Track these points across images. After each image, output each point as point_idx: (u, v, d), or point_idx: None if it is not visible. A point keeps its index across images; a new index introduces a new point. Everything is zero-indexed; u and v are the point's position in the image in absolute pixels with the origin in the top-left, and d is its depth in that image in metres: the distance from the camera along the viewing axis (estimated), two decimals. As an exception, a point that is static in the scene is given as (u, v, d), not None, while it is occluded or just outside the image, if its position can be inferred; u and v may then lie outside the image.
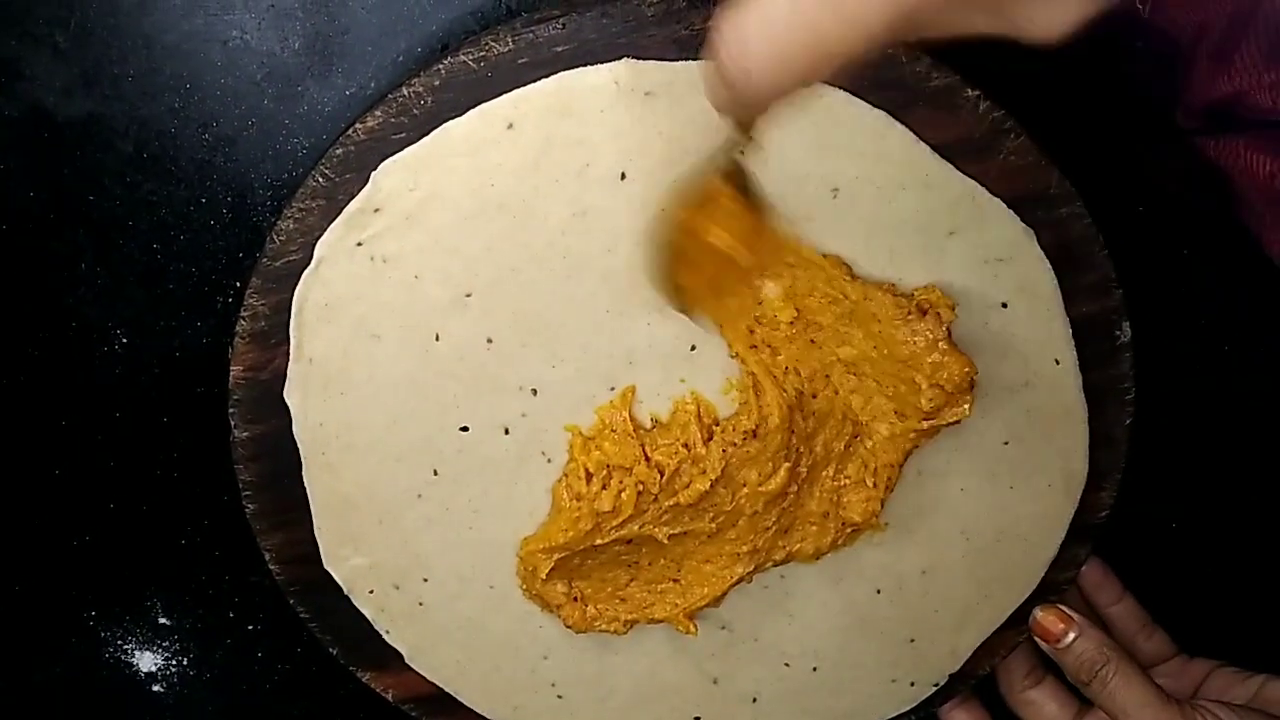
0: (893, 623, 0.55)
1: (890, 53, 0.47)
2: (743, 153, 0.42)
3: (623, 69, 0.47)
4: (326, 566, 0.52)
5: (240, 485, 0.52)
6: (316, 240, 0.48)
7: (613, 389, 0.51)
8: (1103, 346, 0.52)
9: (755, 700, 0.56)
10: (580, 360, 0.50)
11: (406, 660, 0.54)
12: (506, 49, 0.47)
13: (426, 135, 0.47)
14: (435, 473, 0.51)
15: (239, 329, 0.50)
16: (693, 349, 0.50)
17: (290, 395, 0.50)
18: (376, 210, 0.48)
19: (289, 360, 0.50)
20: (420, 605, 0.53)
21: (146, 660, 0.60)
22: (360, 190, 0.48)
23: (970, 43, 0.32)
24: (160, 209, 0.53)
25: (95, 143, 0.51)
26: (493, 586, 0.53)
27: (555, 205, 0.48)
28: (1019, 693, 0.57)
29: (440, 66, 0.47)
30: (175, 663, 0.60)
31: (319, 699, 0.60)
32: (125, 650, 0.60)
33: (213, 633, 0.59)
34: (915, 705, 0.57)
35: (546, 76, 0.47)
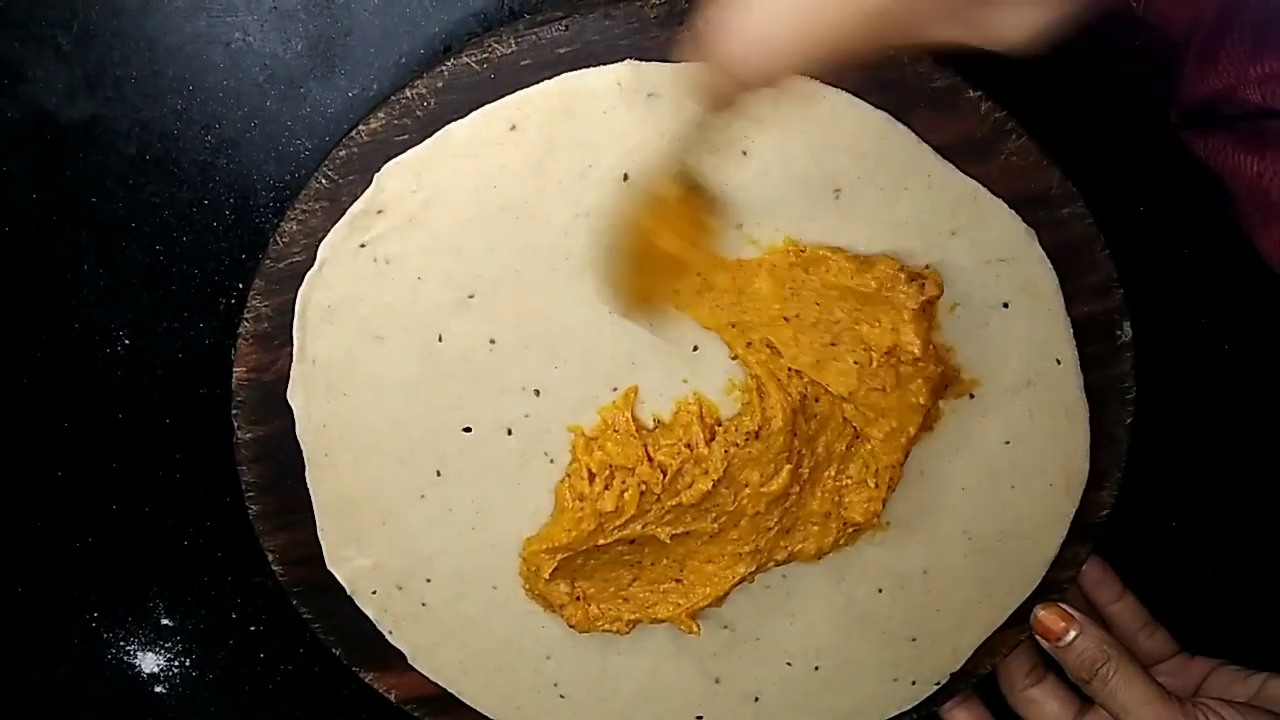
0: (894, 622, 0.55)
1: (892, 54, 0.47)
2: (703, 156, 0.43)
3: (625, 70, 0.47)
4: (329, 567, 0.52)
5: (243, 486, 0.52)
6: (319, 241, 0.48)
7: (615, 389, 0.51)
8: (1104, 346, 0.53)
9: (757, 699, 0.56)
10: (583, 361, 0.50)
11: (409, 660, 0.54)
12: (509, 50, 0.47)
13: (429, 137, 0.47)
14: (438, 473, 0.51)
15: (242, 330, 0.50)
16: (695, 349, 0.50)
17: (293, 396, 0.50)
18: (379, 212, 0.48)
19: (292, 361, 0.50)
20: (423, 606, 0.53)
21: (149, 661, 0.60)
22: (363, 192, 0.48)
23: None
24: (163, 210, 0.53)
25: (98, 144, 0.51)
26: (495, 587, 0.53)
27: (558, 206, 0.48)
28: (1020, 691, 0.57)
29: (443, 68, 0.47)
30: (178, 664, 0.60)
31: (322, 700, 0.60)
32: (128, 651, 0.60)
33: (215, 634, 0.59)
34: (917, 704, 0.57)
35: (549, 78, 0.47)
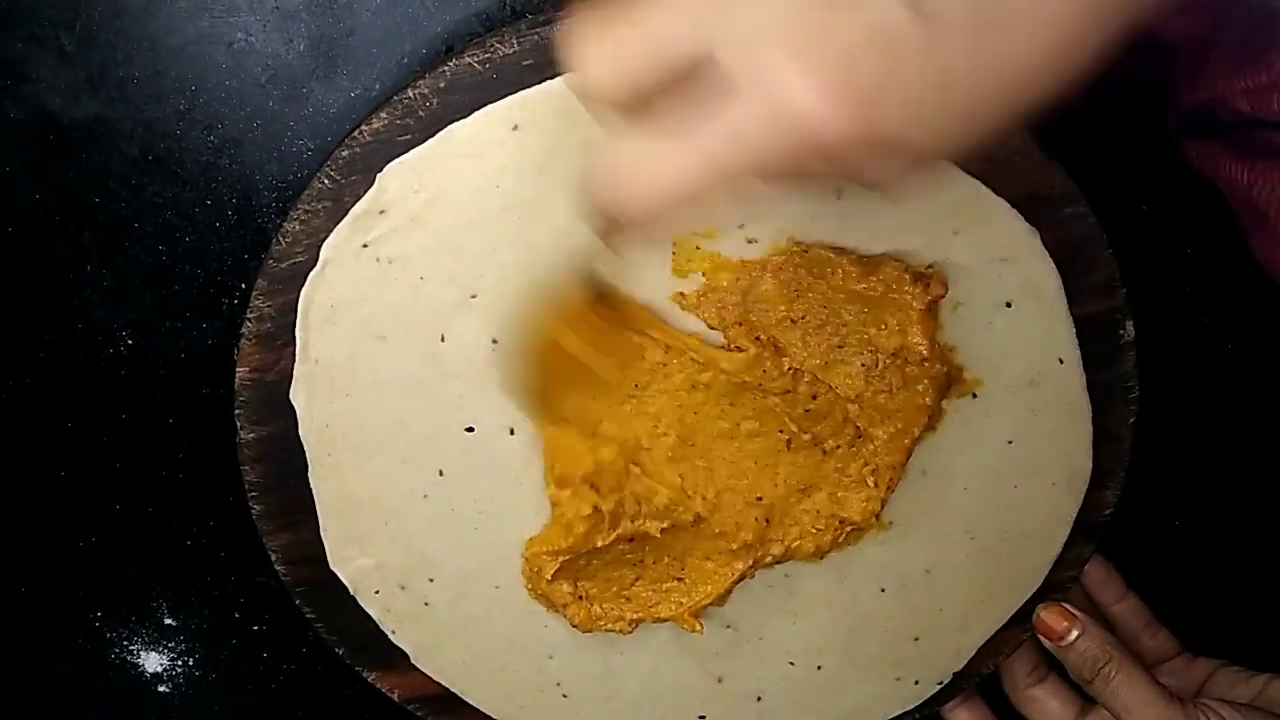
0: (897, 621, 0.55)
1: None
2: (608, 263, 0.43)
3: (627, 70, 0.47)
4: (332, 567, 0.52)
5: (246, 486, 0.52)
6: (322, 242, 0.48)
7: (617, 389, 0.51)
8: (1107, 345, 0.53)
9: (760, 699, 0.56)
10: (585, 360, 0.50)
11: (412, 660, 0.54)
12: (511, 51, 0.47)
13: (432, 137, 0.47)
14: (441, 473, 0.51)
15: (245, 330, 0.50)
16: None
17: (296, 396, 0.50)
18: (382, 212, 0.48)
19: (295, 361, 0.50)
20: (426, 605, 0.53)
21: (152, 661, 0.60)
22: (366, 192, 0.48)
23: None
24: (166, 211, 0.53)
25: (101, 145, 0.51)
26: (498, 586, 0.53)
27: (560, 207, 0.48)
28: (1022, 690, 0.57)
29: (445, 68, 0.47)
30: (181, 663, 0.60)
31: (325, 699, 0.60)
32: (131, 651, 0.60)
33: (219, 633, 0.59)
34: (919, 704, 0.57)
35: (551, 78, 0.47)
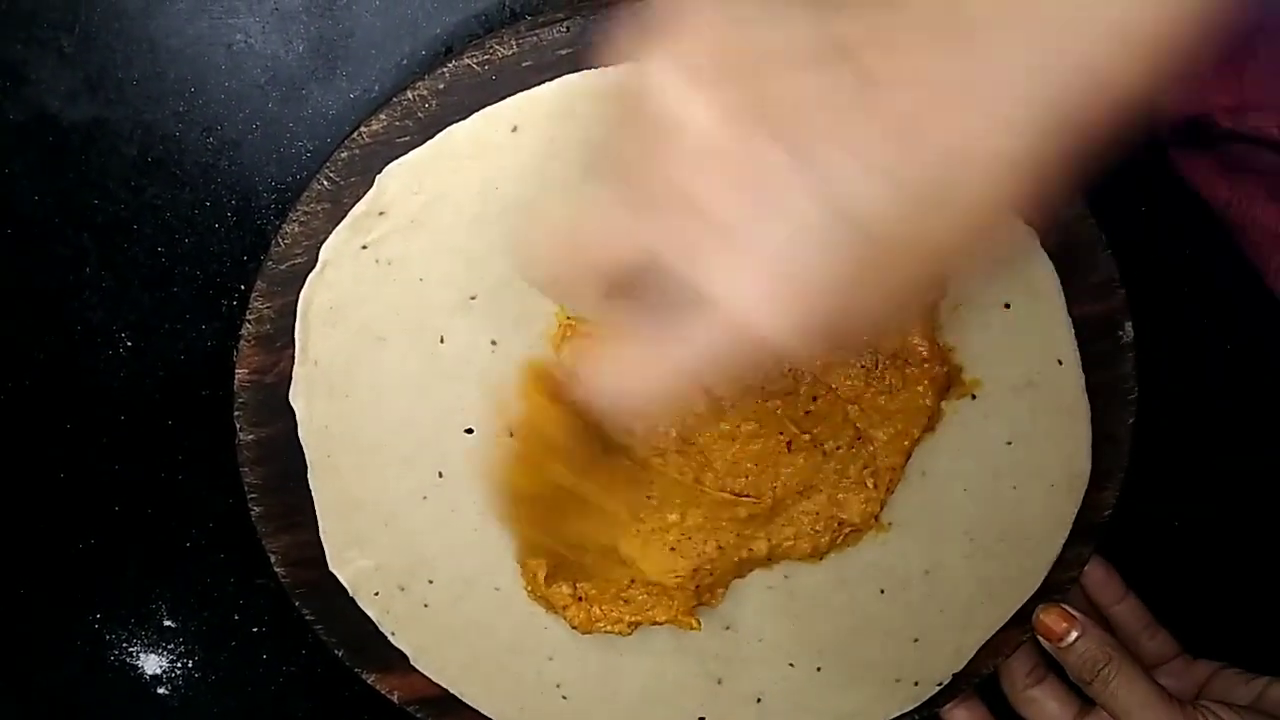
0: (896, 622, 0.55)
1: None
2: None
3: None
4: (332, 569, 0.52)
5: (245, 488, 0.52)
6: (321, 243, 0.48)
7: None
8: (1106, 346, 0.52)
9: (760, 700, 0.56)
10: (584, 361, 0.50)
11: (411, 662, 0.54)
12: (510, 52, 0.47)
13: (431, 138, 0.47)
14: (440, 474, 0.51)
15: (244, 332, 0.50)
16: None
17: (295, 398, 0.50)
18: (381, 213, 0.48)
19: (294, 363, 0.50)
20: (425, 607, 0.53)
21: (151, 663, 0.60)
22: (365, 193, 0.48)
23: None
24: (165, 212, 0.53)
25: (100, 147, 0.51)
26: (498, 588, 0.53)
27: (560, 208, 0.48)
28: (1021, 691, 0.57)
29: (444, 70, 0.47)
30: (180, 665, 0.60)
31: (324, 701, 0.60)
32: (130, 653, 0.60)
33: (218, 635, 0.59)
34: (919, 705, 0.57)
35: (550, 79, 0.47)
